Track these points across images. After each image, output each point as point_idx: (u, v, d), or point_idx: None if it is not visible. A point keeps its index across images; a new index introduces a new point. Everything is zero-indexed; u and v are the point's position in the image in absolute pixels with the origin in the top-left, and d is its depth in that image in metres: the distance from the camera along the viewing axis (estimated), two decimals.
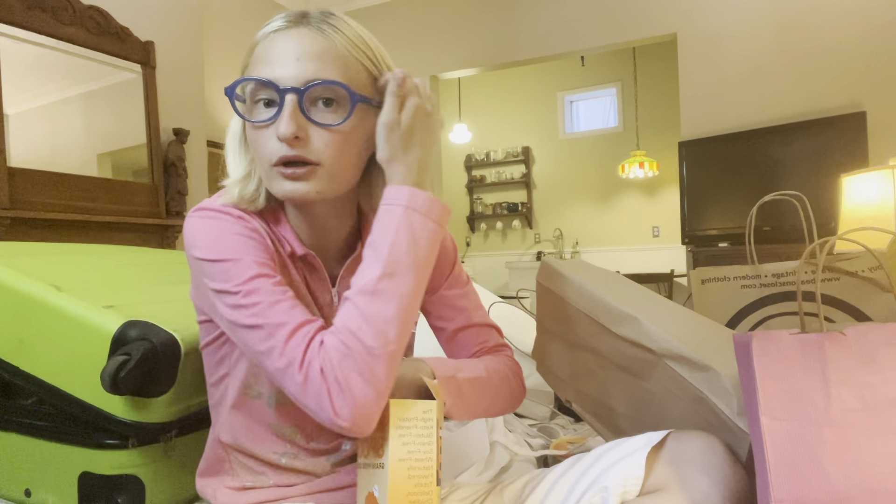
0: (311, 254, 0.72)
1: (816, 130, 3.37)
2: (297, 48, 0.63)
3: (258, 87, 0.64)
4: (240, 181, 0.69)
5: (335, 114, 0.65)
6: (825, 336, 0.57)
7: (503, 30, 4.35)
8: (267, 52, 0.65)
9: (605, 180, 6.18)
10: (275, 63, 0.63)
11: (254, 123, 0.65)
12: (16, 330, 0.95)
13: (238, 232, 0.65)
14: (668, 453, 0.68)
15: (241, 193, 0.68)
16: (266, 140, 0.64)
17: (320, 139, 0.64)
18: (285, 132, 0.62)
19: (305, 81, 0.63)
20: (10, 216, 2.54)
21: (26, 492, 0.97)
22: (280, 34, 0.65)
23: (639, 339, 0.85)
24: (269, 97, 0.64)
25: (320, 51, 0.64)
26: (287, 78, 0.63)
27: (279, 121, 0.63)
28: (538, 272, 1.03)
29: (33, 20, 2.71)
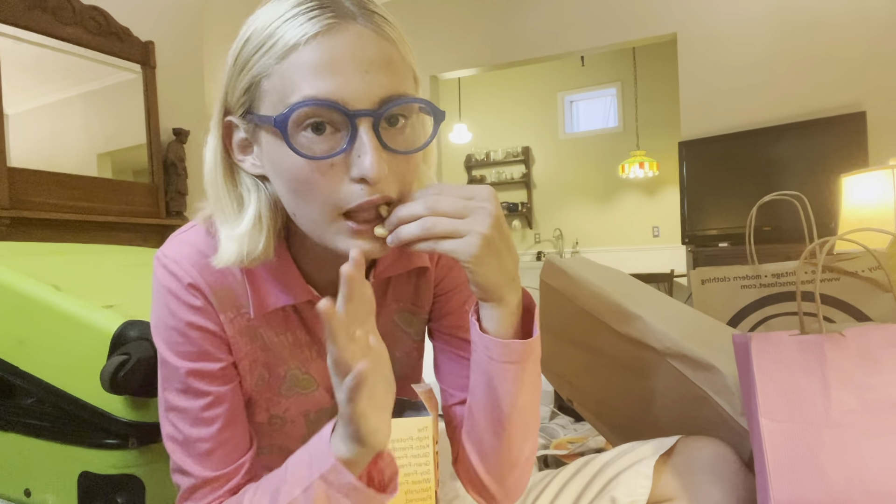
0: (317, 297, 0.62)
1: (816, 130, 3.37)
2: (362, 55, 0.48)
3: (311, 110, 0.48)
4: (247, 234, 0.55)
5: (405, 135, 0.52)
6: (825, 337, 0.57)
7: (503, 30, 4.35)
8: (314, 61, 0.48)
9: (605, 180, 6.18)
10: (335, 77, 0.48)
11: (314, 160, 0.49)
12: (16, 330, 0.95)
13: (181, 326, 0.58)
14: (677, 462, 0.67)
15: (250, 251, 0.55)
16: (331, 183, 0.49)
17: (398, 171, 0.51)
18: (378, 172, 0.48)
19: (380, 100, 0.49)
20: (10, 216, 2.54)
21: (26, 492, 0.97)
22: (329, 37, 0.48)
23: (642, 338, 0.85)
24: (324, 121, 0.49)
25: (387, 58, 0.50)
26: (356, 98, 0.48)
27: (359, 157, 0.48)
28: (542, 270, 1.03)
29: (33, 20, 2.71)
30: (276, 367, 0.64)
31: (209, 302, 0.58)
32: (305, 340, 0.65)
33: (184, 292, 0.58)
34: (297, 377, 0.65)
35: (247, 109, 0.52)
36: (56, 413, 0.94)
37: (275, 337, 0.63)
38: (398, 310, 0.70)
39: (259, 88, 0.50)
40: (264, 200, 0.56)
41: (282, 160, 0.50)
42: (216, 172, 0.57)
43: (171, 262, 0.59)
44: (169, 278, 0.58)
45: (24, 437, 0.97)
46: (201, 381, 0.59)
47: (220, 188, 0.56)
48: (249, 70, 0.51)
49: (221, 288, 0.59)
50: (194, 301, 0.58)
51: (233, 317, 0.60)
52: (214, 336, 0.59)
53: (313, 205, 0.50)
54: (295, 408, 0.66)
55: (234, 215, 0.56)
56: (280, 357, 0.64)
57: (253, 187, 0.56)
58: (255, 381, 0.64)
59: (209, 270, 0.58)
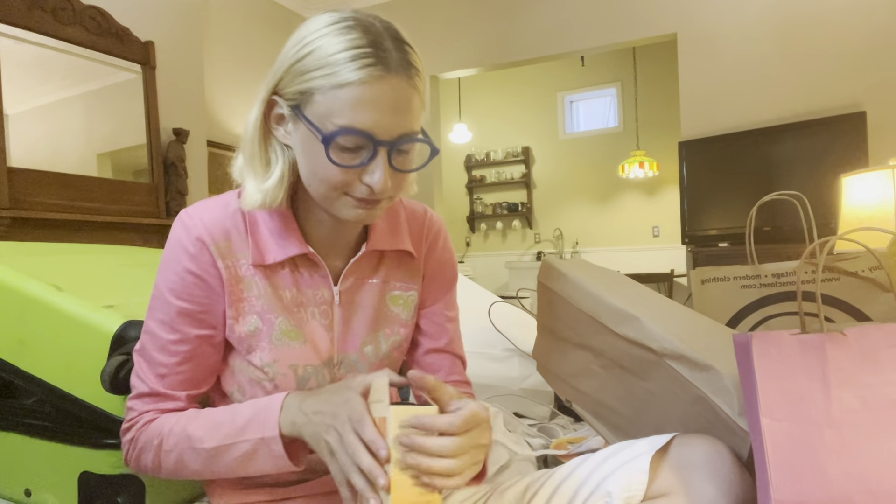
0: (311, 252, 0.72)
1: (816, 130, 3.37)
2: (393, 101, 0.63)
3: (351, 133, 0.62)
4: (272, 188, 0.69)
5: (407, 157, 0.67)
6: (825, 337, 0.57)
7: (503, 30, 4.35)
8: (361, 98, 0.62)
9: (605, 180, 6.18)
10: (375, 114, 0.62)
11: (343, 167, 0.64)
12: (16, 330, 0.95)
13: (180, 270, 0.70)
14: (673, 458, 0.67)
15: (273, 199, 0.69)
16: (346, 178, 0.64)
17: (395, 182, 0.66)
18: (384, 188, 0.64)
19: (399, 136, 0.64)
20: (10, 216, 2.54)
21: (26, 492, 0.97)
22: (377, 84, 0.62)
23: (640, 339, 0.85)
24: (355, 144, 0.63)
25: (409, 103, 0.64)
26: (383, 132, 0.63)
27: (373, 173, 0.64)
28: (539, 271, 1.03)
29: (33, 20, 2.71)
30: (268, 315, 0.72)
31: (210, 252, 0.70)
32: (301, 300, 0.74)
33: (189, 243, 0.70)
34: (286, 328, 0.73)
35: (295, 103, 0.65)
36: (56, 413, 0.94)
37: (269, 288, 0.72)
38: (391, 289, 0.80)
39: (312, 97, 0.63)
40: (287, 164, 0.69)
41: (315, 154, 0.64)
42: (254, 135, 0.68)
43: (187, 216, 0.71)
44: (180, 230, 0.71)
45: (24, 437, 0.97)
46: (183, 318, 0.71)
47: (256, 148, 0.69)
48: (308, 81, 0.63)
49: (226, 240, 0.71)
50: (198, 251, 0.70)
51: (232, 265, 0.71)
52: (207, 285, 0.70)
53: (327, 187, 0.65)
54: (283, 359, 0.72)
55: (263, 172, 0.69)
56: (272, 306, 0.72)
57: (280, 152, 0.69)
58: (247, 327, 0.72)
59: (220, 222, 0.71)
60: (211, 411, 0.70)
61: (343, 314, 0.76)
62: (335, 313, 0.75)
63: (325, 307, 0.75)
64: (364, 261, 0.77)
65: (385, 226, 0.79)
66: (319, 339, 0.74)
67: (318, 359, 0.74)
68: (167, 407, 0.72)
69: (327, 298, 0.75)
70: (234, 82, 4.16)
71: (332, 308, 0.75)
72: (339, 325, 0.75)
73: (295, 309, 0.74)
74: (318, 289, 0.75)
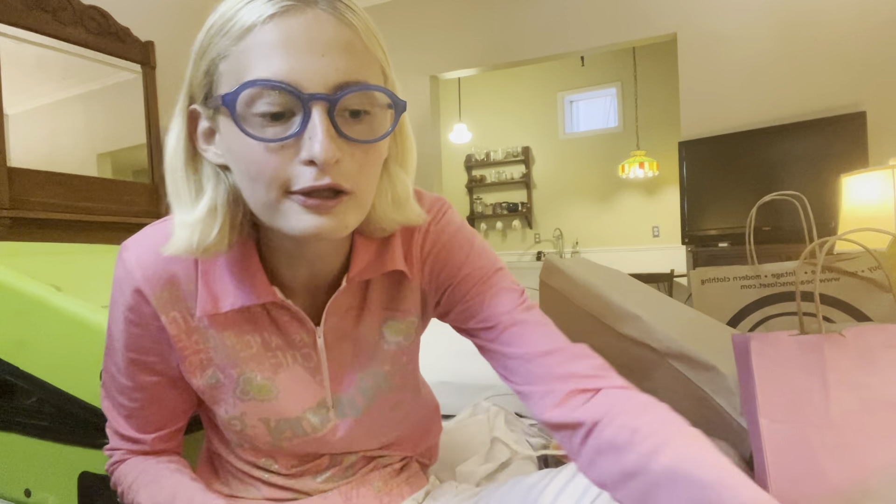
0: (280, 300, 0.60)
1: (816, 130, 3.37)
2: (319, 38, 0.48)
3: (263, 91, 0.47)
4: (201, 222, 0.53)
5: (365, 125, 0.51)
6: (824, 338, 0.57)
7: (503, 30, 4.35)
8: (270, 41, 0.47)
9: (605, 180, 6.18)
10: (288, 58, 0.47)
11: (264, 142, 0.48)
12: (16, 330, 0.95)
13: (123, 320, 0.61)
14: None
15: (201, 240, 0.53)
16: (280, 162, 0.48)
17: (353, 161, 0.50)
18: (327, 155, 0.47)
19: (336, 85, 0.48)
20: (10, 216, 2.54)
21: (26, 492, 0.97)
22: (286, 18, 0.48)
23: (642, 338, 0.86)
24: (279, 107, 0.48)
25: (346, 42, 0.49)
26: (310, 80, 0.47)
27: (310, 139, 0.47)
28: (541, 270, 1.03)
29: (33, 20, 2.71)
30: (230, 369, 0.62)
31: (150, 304, 0.60)
32: (277, 344, 0.63)
33: (129, 294, 0.60)
34: (253, 382, 0.63)
35: (206, 94, 0.52)
36: (56, 413, 0.94)
37: (233, 338, 0.61)
38: (385, 318, 0.67)
39: (217, 71, 0.50)
40: (223, 190, 0.54)
41: (235, 142, 0.50)
42: (176, 159, 0.55)
43: (127, 257, 0.61)
44: (121, 274, 0.61)
45: (24, 437, 0.97)
46: (134, 367, 0.63)
47: (180, 175, 0.55)
48: (209, 53, 0.51)
49: (170, 289, 0.59)
50: (135, 302, 0.60)
51: (179, 317, 0.60)
52: (152, 335, 0.61)
53: (261, 185, 0.49)
54: (252, 413, 0.64)
55: (190, 203, 0.54)
56: (233, 360, 0.62)
57: (213, 176, 0.55)
58: (206, 381, 0.63)
59: (163, 271, 0.59)
60: (156, 488, 0.64)
61: (331, 353, 0.65)
62: (321, 356, 0.64)
63: (307, 350, 0.64)
64: (347, 294, 0.64)
65: (370, 246, 0.63)
66: (303, 387, 0.64)
67: (298, 410, 0.65)
68: (135, 448, 0.68)
69: (308, 342, 0.64)
70: None
71: (316, 351, 0.64)
72: (327, 367, 0.65)
73: (269, 354, 0.63)
74: (296, 332, 0.63)
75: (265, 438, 0.65)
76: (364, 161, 0.51)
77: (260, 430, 0.65)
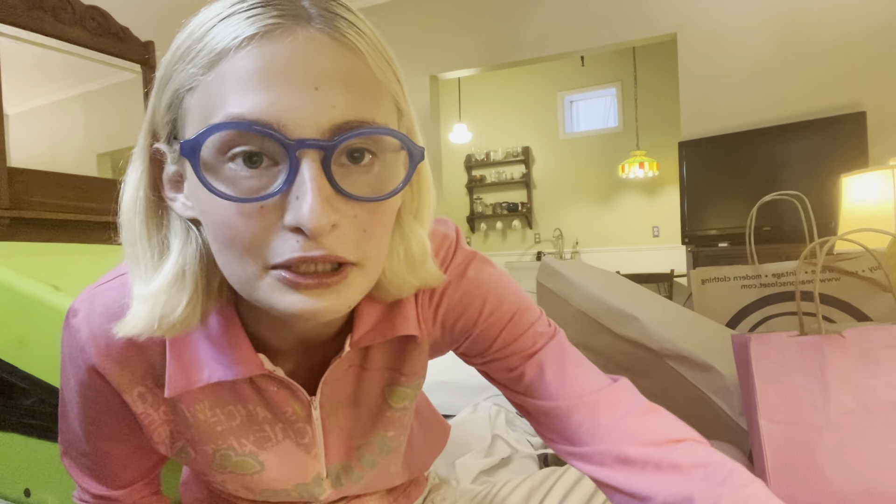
0: (270, 371, 0.49)
1: (816, 130, 3.37)
2: (312, 67, 0.37)
3: (236, 136, 0.37)
4: (164, 292, 0.42)
5: (371, 175, 0.39)
6: (824, 338, 0.57)
7: (503, 30, 4.35)
8: (247, 71, 0.36)
9: (605, 180, 6.18)
10: (269, 91, 0.36)
11: (237, 202, 0.37)
12: (15, 330, 0.95)
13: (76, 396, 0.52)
14: None
15: (165, 315, 0.42)
16: (258, 229, 0.37)
17: (355, 225, 0.39)
18: (318, 223, 0.36)
19: (333, 127, 0.37)
20: (10, 216, 2.54)
21: (26, 492, 0.97)
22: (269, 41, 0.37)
23: (640, 339, 0.86)
24: (256, 150, 0.37)
25: (348, 71, 0.38)
26: (298, 121, 0.36)
27: (297, 199, 0.36)
28: (538, 272, 1.03)
29: (33, 20, 2.71)
30: (202, 446, 0.53)
31: (108, 383, 0.50)
32: (265, 416, 0.53)
33: (82, 370, 0.50)
34: (230, 458, 0.54)
35: (170, 132, 0.41)
36: (56, 413, 0.94)
37: (207, 411, 0.52)
38: (389, 382, 0.57)
39: (182, 105, 0.39)
40: (192, 250, 0.43)
41: (203, 198, 0.39)
42: (135, 214, 0.44)
43: (77, 326, 0.49)
44: (71, 345, 0.50)
45: (24, 437, 0.97)
46: (95, 438, 0.55)
47: (139, 231, 0.44)
48: (172, 83, 0.40)
49: (132, 363, 0.49)
50: (90, 380, 0.50)
51: (145, 391, 0.51)
52: (112, 410, 0.52)
53: (235, 256, 0.39)
54: (232, 482, 0.57)
55: (151, 267, 0.43)
56: (209, 435, 0.53)
57: (181, 233, 0.43)
58: (176, 454, 0.55)
59: (121, 343, 0.48)
60: None
61: (328, 422, 0.56)
62: (315, 430, 0.55)
63: (300, 425, 0.54)
64: (349, 358, 0.54)
65: (375, 306, 0.51)
66: (295, 464, 0.56)
67: (287, 485, 0.57)
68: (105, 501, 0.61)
69: (301, 415, 0.54)
70: None
71: (311, 425, 0.55)
72: (322, 440, 0.56)
73: (255, 427, 0.54)
74: (287, 405, 0.53)
75: (250, 497, 0.60)
76: (370, 223, 0.39)
77: (243, 494, 0.59)
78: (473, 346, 0.56)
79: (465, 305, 0.55)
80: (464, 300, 0.54)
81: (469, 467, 0.89)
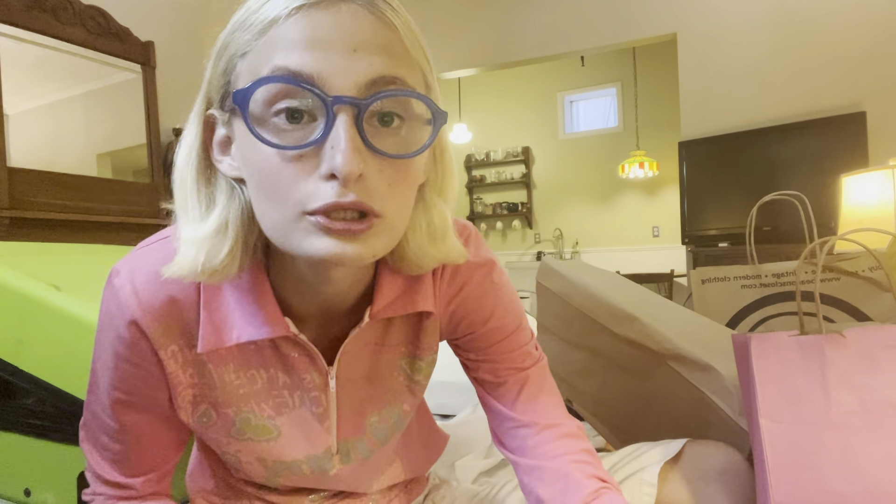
0: (292, 334, 0.53)
1: (816, 130, 3.37)
2: (352, 33, 0.41)
3: (282, 90, 0.42)
4: (208, 239, 0.46)
5: (399, 138, 0.44)
6: (824, 338, 0.57)
7: (503, 30, 4.35)
8: (293, 35, 0.41)
9: (605, 180, 6.18)
10: (314, 52, 0.41)
11: (280, 149, 0.42)
12: (15, 330, 0.95)
13: (112, 356, 0.54)
14: (685, 467, 0.65)
15: (207, 261, 0.46)
16: (297, 175, 0.42)
17: (381, 178, 0.43)
18: (350, 168, 0.40)
19: (368, 82, 0.42)
20: (10, 216, 2.54)
21: (26, 491, 0.97)
22: (314, 11, 0.42)
23: (640, 339, 0.85)
24: (298, 106, 0.42)
25: (384, 41, 0.43)
26: (337, 78, 0.41)
27: (332, 149, 0.41)
28: (538, 272, 1.03)
29: (33, 20, 2.71)
30: (224, 408, 0.56)
31: (147, 338, 0.52)
32: (284, 382, 0.57)
33: (121, 326, 0.52)
34: (250, 422, 0.57)
35: (223, 96, 0.46)
36: (56, 413, 0.94)
37: (232, 374, 0.55)
38: (406, 355, 0.62)
39: (234, 70, 0.44)
40: (236, 206, 0.48)
41: (249, 151, 0.44)
42: (187, 170, 0.49)
43: (119, 284, 0.52)
44: (111, 304, 0.53)
45: (24, 437, 0.97)
46: (121, 407, 0.56)
47: (190, 186, 0.48)
48: (228, 50, 0.45)
49: (170, 318, 0.52)
50: (130, 336, 0.52)
51: (178, 350, 0.53)
52: (145, 372, 0.54)
53: (274, 203, 0.43)
54: (248, 452, 0.59)
55: (199, 217, 0.48)
56: (231, 398, 0.56)
57: (226, 190, 0.48)
58: (198, 418, 0.57)
59: (161, 298, 0.51)
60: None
61: (343, 397, 0.59)
62: (330, 401, 0.58)
63: (316, 394, 0.57)
64: (365, 329, 0.57)
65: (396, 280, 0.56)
66: (307, 433, 0.59)
67: (299, 455, 0.59)
68: (121, 494, 0.60)
69: (318, 383, 0.57)
70: None
71: (326, 394, 0.58)
72: (336, 413, 0.59)
73: (274, 393, 0.57)
74: (306, 372, 0.56)
75: (261, 473, 0.61)
76: (394, 179, 0.44)
77: (255, 468, 0.60)
78: (471, 343, 0.63)
79: (479, 305, 0.61)
80: (481, 299, 0.61)
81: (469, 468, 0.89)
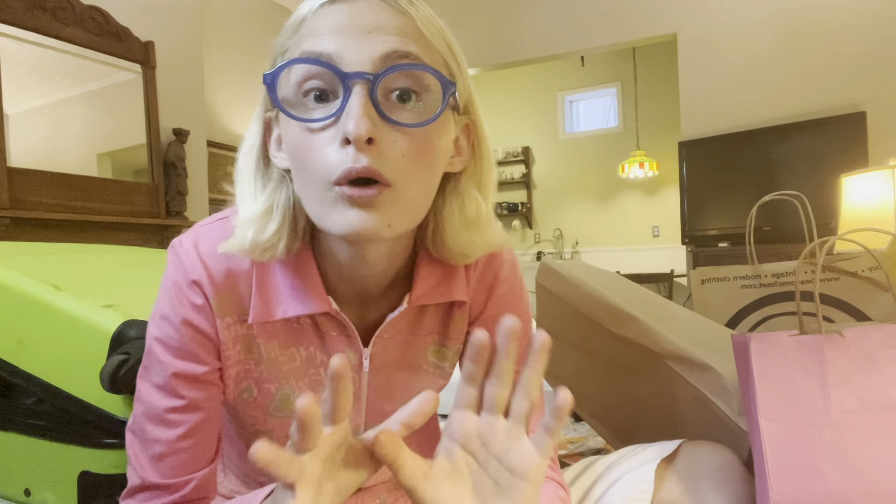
0: (335, 311, 0.56)
1: (816, 130, 3.37)
2: (367, 20, 0.47)
3: (309, 72, 0.47)
4: (257, 219, 0.52)
5: (415, 113, 0.48)
6: (824, 338, 0.57)
7: (503, 30, 4.35)
8: (318, 27, 0.47)
9: (605, 180, 6.18)
10: (334, 36, 0.46)
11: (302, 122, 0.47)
12: (15, 330, 0.95)
13: (177, 322, 0.54)
14: (681, 467, 0.65)
15: (256, 239, 0.51)
16: (321, 148, 0.46)
17: (395, 147, 0.46)
18: (359, 129, 0.44)
19: (381, 57, 0.46)
20: (10, 216, 2.54)
21: (26, 491, 0.97)
22: (337, 5, 0.48)
23: (639, 340, 0.85)
24: (323, 87, 0.47)
25: (398, 24, 0.47)
26: (352, 56, 0.46)
27: (346, 116, 0.45)
28: (537, 273, 1.03)
29: (33, 20, 2.71)
30: (267, 384, 0.59)
31: (209, 304, 0.55)
32: (322, 360, 0.59)
33: (186, 287, 0.55)
34: (289, 398, 0.60)
35: None
36: (56, 413, 0.94)
37: (277, 350, 0.58)
38: (434, 344, 0.64)
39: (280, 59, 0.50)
40: (283, 193, 0.53)
41: (286, 133, 0.49)
42: (247, 164, 0.55)
43: (183, 252, 0.56)
44: (176, 269, 0.56)
45: (24, 437, 0.97)
46: (181, 382, 0.55)
47: (248, 176, 0.55)
48: (274, 52, 0.51)
49: (227, 290, 0.55)
50: (195, 299, 0.55)
51: (231, 322, 0.56)
52: (207, 339, 0.56)
53: (307, 177, 0.47)
54: (280, 430, 0.61)
55: (252, 200, 0.53)
56: (275, 374, 0.59)
57: (277, 179, 0.54)
58: (240, 394, 0.59)
59: (221, 269, 0.55)
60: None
61: (374, 381, 0.62)
62: (363, 381, 0.61)
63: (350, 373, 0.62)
64: (403, 317, 0.60)
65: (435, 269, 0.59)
66: None
67: None
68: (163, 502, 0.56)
69: (353, 363, 0.60)
70: (234, 82, 4.16)
71: (360, 375, 0.60)
72: (367, 394, 0.62)
73: (312, 371, 0.60)
74: (343, 351, 0.59)
75: None
76: (408, 149, 0.47)
77: None
78: None
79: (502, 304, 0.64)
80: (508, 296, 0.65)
81: None
